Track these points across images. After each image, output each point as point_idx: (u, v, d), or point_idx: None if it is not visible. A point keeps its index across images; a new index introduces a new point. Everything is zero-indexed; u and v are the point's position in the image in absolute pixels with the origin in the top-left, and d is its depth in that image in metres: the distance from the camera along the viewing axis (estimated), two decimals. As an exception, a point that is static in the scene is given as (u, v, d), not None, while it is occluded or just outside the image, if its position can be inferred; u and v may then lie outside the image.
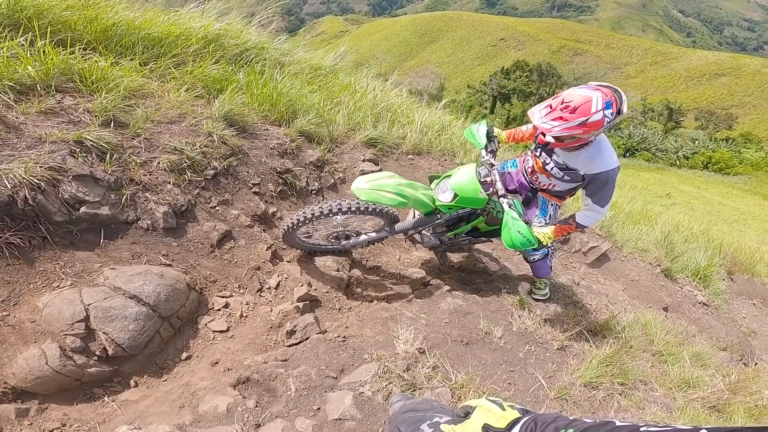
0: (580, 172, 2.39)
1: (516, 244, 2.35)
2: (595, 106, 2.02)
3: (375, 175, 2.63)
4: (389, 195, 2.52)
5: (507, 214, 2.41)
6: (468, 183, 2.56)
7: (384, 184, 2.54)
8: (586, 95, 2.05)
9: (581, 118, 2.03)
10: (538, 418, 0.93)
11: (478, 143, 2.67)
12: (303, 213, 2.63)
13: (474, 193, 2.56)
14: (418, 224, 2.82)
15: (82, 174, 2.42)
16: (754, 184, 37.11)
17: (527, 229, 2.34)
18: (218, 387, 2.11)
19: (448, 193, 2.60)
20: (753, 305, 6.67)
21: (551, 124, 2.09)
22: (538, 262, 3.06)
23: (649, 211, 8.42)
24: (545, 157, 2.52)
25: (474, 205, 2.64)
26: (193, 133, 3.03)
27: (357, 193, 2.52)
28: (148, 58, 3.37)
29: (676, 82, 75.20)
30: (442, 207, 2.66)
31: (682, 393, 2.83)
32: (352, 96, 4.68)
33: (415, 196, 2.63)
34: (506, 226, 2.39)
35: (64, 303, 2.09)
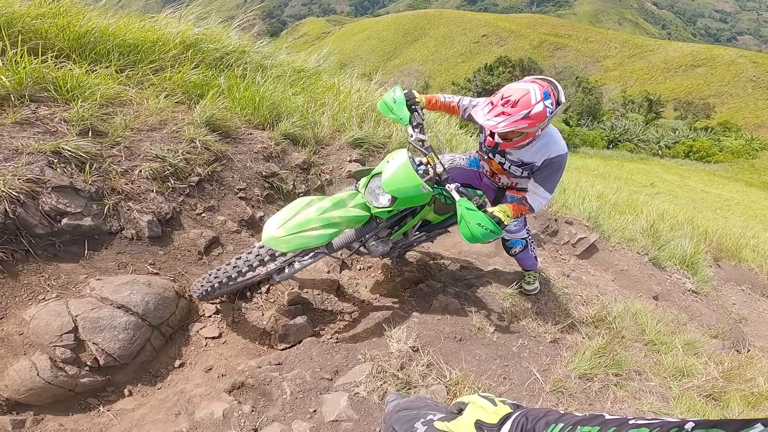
0: (536, 164, 2.33)
1: (478, 237, 2.07)
2: (534, 98, 2.02)
3: (285, 212, 2.13)
4: (316, 233, 2.06)
5: (459, 205, 2.11)
6: (405, 180, 2.11)
7: (304, 222, 2.07)
8: (524, 88, 2.04)
9: (523, 111, 2.02)
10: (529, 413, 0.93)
11: (399, 118, 2.26)
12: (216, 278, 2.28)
13: (415, 190, 2.13)
14: (358, 235, 2.34)
15: (62, 185, 2.37)
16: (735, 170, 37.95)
17: (485, 218, 2.08)
18: (213, 393, 2.09)
19: (384, 197, 2.16)
20: (742, 291, 6.79)
21: (495, 120, 2.06)
22: (521, 254, 2.93)
23: (634, 201, 8.54)
24: (499, 158, 2.42)
25: (417, 202, 2.25)
26: (175, 140, 2.99)
27: (273, 245, 2.05)
28: (125, 65, 3.32)
29: (654, 73, 76.44)
30: (381, 213, 2.21)
31: (676, 382, 2.87)
32: (336, 97, 4.66)
33: (347, 216, 2.16)
34: (462, 219, 2.09)
35: (51, 315, 2.07)
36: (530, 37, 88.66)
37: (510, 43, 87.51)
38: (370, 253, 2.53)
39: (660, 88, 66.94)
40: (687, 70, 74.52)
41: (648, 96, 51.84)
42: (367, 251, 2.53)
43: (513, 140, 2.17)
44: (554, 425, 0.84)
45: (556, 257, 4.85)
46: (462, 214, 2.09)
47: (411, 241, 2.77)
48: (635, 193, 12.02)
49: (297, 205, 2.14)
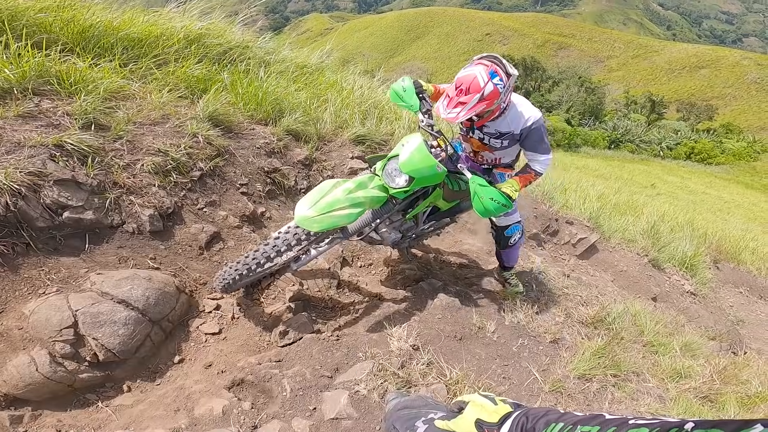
0: (515, 132, 2.43)
1: (491, 211, 2.18)
2: (482, 80, 2.13)
3: (314, 194, 2.19)
4: (345, 212, 2.13)
5: (472, 182, 2.21)
6: (421, 160, 2.22)
7: (333, 202, 2.13)
8: (471, 74, 2.16)
9: (476, 95, 2.13)
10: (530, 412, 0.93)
11: (410, 105, 2.37)
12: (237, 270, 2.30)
13: (431, 170, 2.24)
14: (374, 217, 2.43)
15: (64, 178, 2.36)
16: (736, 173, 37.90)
17: (498, 193, 2.20)
18: (213, 390, 2.09)
19: (402, 178, 2.26)
20: (740, 293, 6.80)
21: (455, 111, 2.17)
22: (517, 243, 2.93)
23: (634, 202, 8.55)
24: (478, 134, 2.52)
25: (433, 181, 2.36)
26: (178, 135, 2.98)
27: (306, 225, 2.11)
28: (128, 59, 3.31)
29: (658, 74, 76.27)
30: (398, 193, 2.31)
31: (674, 383, 2.87)
32: (338, 93, 4.65)
33: (370, 196, 2.24)
34: (475, 195, 2.19)
35: (51, 309, 2.06)
36: (534, 36, 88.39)
37: (513, 42, 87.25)
38: (383, 240, 2.59)
39: (663, 89, 66.80)
40: (691, 71, 74.35)
41: (651, 97, 51.74)
42: (379, 238, 2.59)
43: (484, 117, 2.33)
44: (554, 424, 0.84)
45: (557, 257, 4.85)
46: (475, 190, 2.20)
47: (421, 231, 2.83)
48: (636, 194, 12.02)
49: (325, 187, 2.20)
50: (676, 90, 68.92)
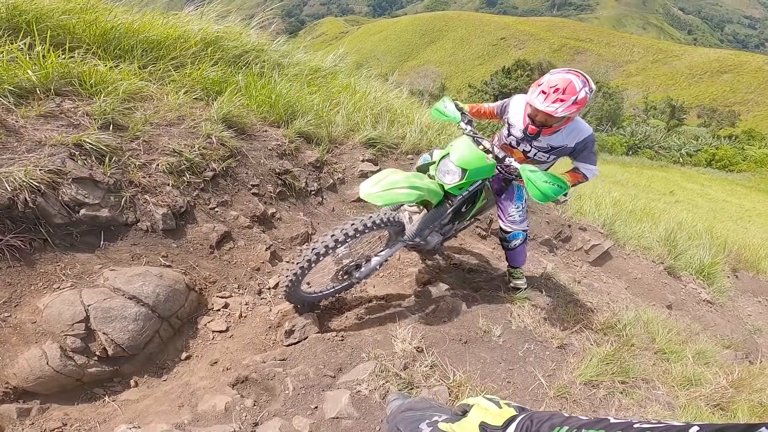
0: (568, 146, 2.56)
1: (549, 194, 2.27)
2: (578, 86, 2.30)
3: (377, 176, 2.35)
4: (404, 191, 2.27)
5: (523, 170, 2.32)
6: (471, 154, 2.40)
7: (395, 181, 2.28)
8: (566, 78, 2.31)
9: (573, 97, 2.28)
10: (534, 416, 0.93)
11: (453, 118, 2.58)
12: (295, 265, 2.30)
13: (482, 161, 2.41)
14: (431, 219, 2.55)
15: (82, 177, 2.44)
16: (758, 180, 36.86)
17: (552, 176, 2.29)
18: (217, 386, 2.12)
19: (455, 173, 2.40)
20: (758, 302, 6.62)
21: (554, 106, 2.29)
22: (519, 248, 2.99)
23: (652, 209, 8.39)
24: (525, 145, 2.64)
25: (485, 174, 2.50)
26: (192, 135, 3.05)
27: (370, 199, 2.24)
28: (147, 61, 3.40)
29: (678, 79, 74.85)
30: (453, 189, 2.45)
31: (684, 391, 2.82)
32: (351, 97, 4.69)
33: (427, 186, 2.38)
34: (529, 182, 2.29)
35: (64, 304, 2.11)
36: (550, 41, 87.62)
37: (529, 47, 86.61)
38: (427, 244, 2.74)
39: (684, 94, 65.50)
40: (712, 76, 72.76)
41: (671, 102, 50.77)
42: (423, 243, 2.73)
43: (553, 126, 2.44)
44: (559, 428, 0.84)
45: (569, 263, 4.80)
46: (528, 178, 2.29)
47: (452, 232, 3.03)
48: (653, 201, 11.80)
49: (384, 173, 2.37)
50: (697, 95, 67.54)
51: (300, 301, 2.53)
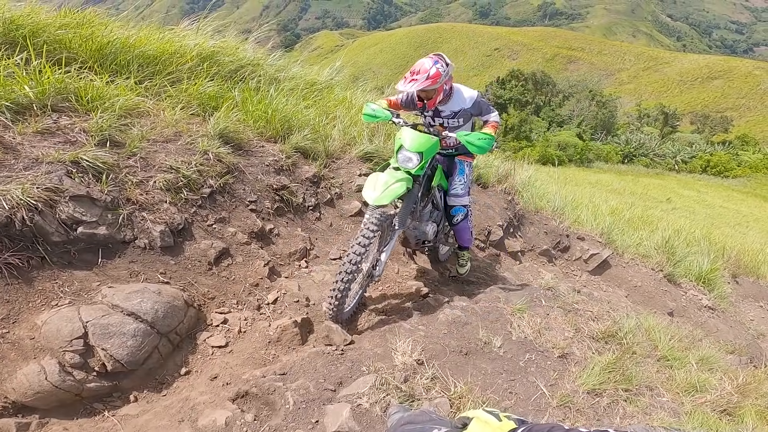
0: (465, 108, 3.05)
1: (485, 147, 2.76)
2: (429, 65, 2.80)
3: (370, 184, 2.73)
4: (397, 185, 2.70)
5: (460, 135, 2.79)
6: (419, 138, 2.82)
7: (386, 181, 2.69)
8: (421, 62, 2.83)
9: (424, 75, 2.77)
10: (534, 428, 0.92)
11: (385, 117, 2.95)
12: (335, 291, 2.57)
13: (429, 141, 2.84)
14: (411, 201, 2.92)
15: (79, 194, 2.44)
16: (754, 186, 37.07)
17: (481, 133, 2.80)
18: (217, 401, 2.10)
19: (414, 157, 2.80)
20: (760, 307, 6.62)
21: (409, 85, 2.80)
22: (461, 224, 3.28)
23: (649, 216, 8.43)
24: (438, 120, 3.07)
25: (435, 150, 2.91)
26: (189, 152, 3.06)
27: (378, 202, 2.66)
28: (144, 77, 3.42)
29: (670, 86, 75.64)
30: (417, 171, 2.85)
31: (689, 397, 2.80)
32: (347, 111, 4.72)
33: (404, 176, 2.79)
34: (468, 143, 2.76)
35: (62, 320, 2.12)
36: (543, 51, 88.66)
37: (522, 57, 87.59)
38: (425, 234, 3.10)
39: (676, 101, 66.12)
40: (703, 82, 73.54)
41: (663, 109, 51.21)
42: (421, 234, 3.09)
43: (433, 97, 2.94)
44: None
45: (568, 273, 4.80)
46: (466, 140, 2.76)
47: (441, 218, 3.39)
48: (651, 209, 11.85)
49: (373, 178, 2.77)
50: (689, 102, 68.17)
51: (345, 318, 2.75)
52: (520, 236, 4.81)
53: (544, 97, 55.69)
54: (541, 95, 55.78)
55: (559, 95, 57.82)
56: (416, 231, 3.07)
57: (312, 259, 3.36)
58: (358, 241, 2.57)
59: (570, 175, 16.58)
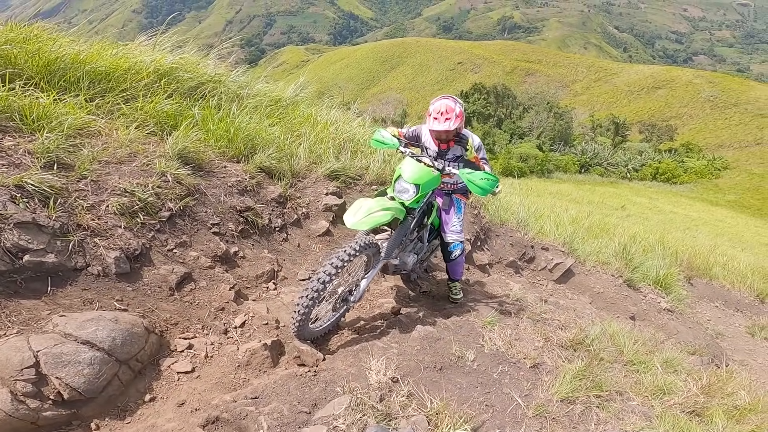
0: (465, 156, 3.11)
1: (487, 188, 2.73)
2: (454, 105, 2.94)
3: (353, 207, 2.68)
4: (381, 213, 2.62)
5: (462, 174, 2.78)
6: (419, 171, 2.79)
7: (370, 208, 2.63)
8: (445, 102, 2.95)
9: (453, 113, 2.91)
10: None
11: (393, 144, 2.98)
12: (299, 307, 2.46)
13: (429, 174, 2.81)
14: (402, 233, 2.91)
15: (24, 221, 2.28)
16: (700, 191, 39.44)
17: (485, 173, 2.78)
18: (186, 428, 2.00)
19: (410, 189, 2.77)
20: (716, 308, 6.98)
21: (446, 124, 2.90)
22: (458, 260, 3.33)
23: (606, 224, 8.78)
24: (440, 162, 3.09)
25: (433, 185, 2.88)
26: (145, 174, 2.93)
27: (357, 227, 2.61)
28: (95, 94, 3.26)
29: (619, 96, 79.57)
30: (412, 204, 2.81)
31: (658, 400, 2.88)
32: (313, 128, 4.67)
33: (394, 206, 2.74)
34: (470, 182, 2.73)
35: (11, 350, 2.00)
36: (503, 64, 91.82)
37: (484, 70, 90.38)
38: (405, 264, 3.07)
39: (625, 110, 69.61)
40: (649, 92, 77.77)
41: (614, 119, 53.90)
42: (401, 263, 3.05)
43: (450, 140, 3.07)
44: None
45: (534, 283, 4.90)
46: (468, 179, 2.74)
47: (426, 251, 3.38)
48: (607, 216, 12.35)
49: (358, 203, 2.69)
50: (636, 111, 71.85)
51: (310, 336, 2.65)
52: (487, 249, 4.88)
53: (506, 110, 57.55)
54: (503, 108, 57.62)
55: (519, 108, 59.89)
56: (398, 260, 3.05)
57: (280, 280, 3.27)
58: (331, 261, 2.49)
59: (532, 186, 17.09)
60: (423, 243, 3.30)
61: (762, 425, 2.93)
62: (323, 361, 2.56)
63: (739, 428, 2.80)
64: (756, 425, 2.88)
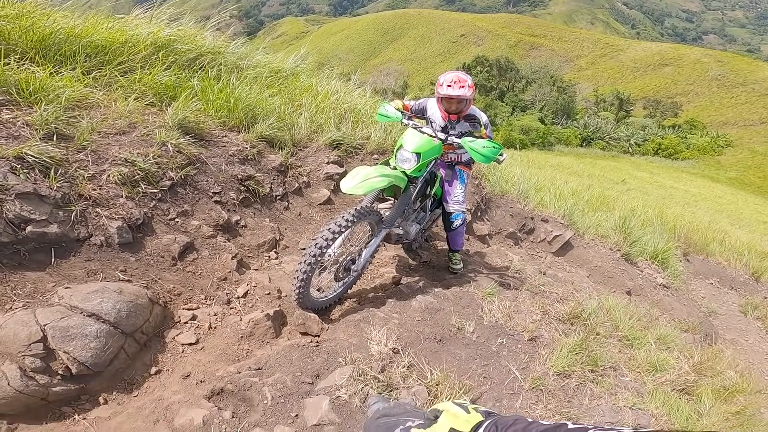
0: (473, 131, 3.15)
1: (490, 156, 2.74)
2: (465, 77, 3.01)
3: (351, 173, 2.66)
4: (378, 179, 2.61)
5: (465, 142, 2.80)
6: (420, 140, 2.82)
7: (368, 173, 2.63)
8: (457, 74, 3.04)
9: (467, 83, 2.98)
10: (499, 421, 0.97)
11: (396, 117, 3.01)
12: (298, 273, 2.49)
13: (430, 143, 2.83)
14: (404, 202, 2.91)
15: (26, 192, 2.27)
16: (702, 167, 39.28)
17: (487, 141, 2.79)
18: (192, 400, 2.04)
19: (412, 158, 2.79)
20: (710, 285, 7.03)
21: (462, 90, 2.95)
22: (458, 229, 3.37)
23: (606, 198, 8.77)
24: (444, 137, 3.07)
25: (435, 154, 2.90)
26: (145, 144, 2.91)
27: (352, 191, 2.60)
28: (91, 67, 3.20)
29: (624, 72, 78.33)
30: (413, 172, 2.84)
31: (650, 377, 2.95)
32: (314, 98, 4.61)
33: (393, 174, 2.74)
34: (472, 150, 2.75)
35: (18, 324, 2.00)
36: (507, 37, 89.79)
37: (487, 43, 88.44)
38: (407, 234, 3.11)
39: (630, 86, 68.69)
40: (655, 69, 76.60)
41: (618, 95, 53.22)
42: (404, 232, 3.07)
43: (461, 111, 3.09)
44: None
45: (533, 255, 4.93)
46: (471, 147, 2.76)
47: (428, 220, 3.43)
48: (607, 190, 12.35)
49: (356, 170, 2.67)
50: (641, 88, 70.90)
51: (313, 306, 2.67)
52: (487, 220, 4.90)
53: (508, 83, 56.63)
54: (505, 81, 56.69)
55: (522, 81, 58.92)
56: (401, 230, 3.08)
57: (282, 249, 3.29)
58: (329, 227, 2.51)
59: (533, 158, 17.02)
60: (426, 213, 3.34)
61: (748, 406, 3.01)
62: (326, 331, 2.61)
63: (725, 408, 2.88)
64: (742, 406, 2.97)
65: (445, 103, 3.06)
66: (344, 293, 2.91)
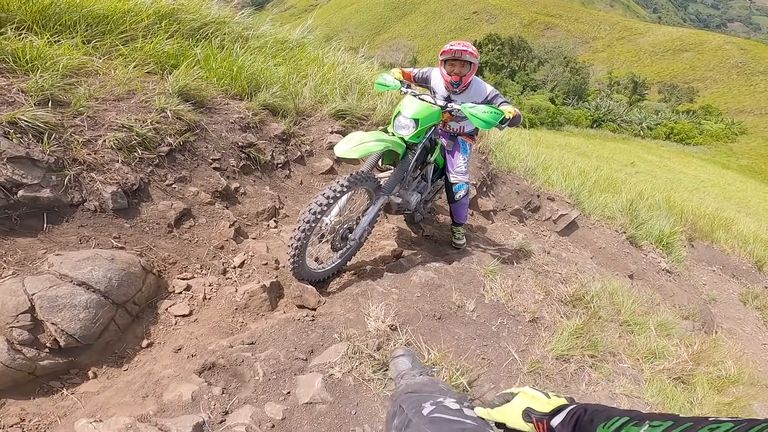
0: (478, 102, 3.02)
1: (490, 121, 2.67)
2: (469, 42, 3.00)
3: (347, 138, 2.58)
4: (374, 143, 2.54)
5: (464, 108, 2.73)
6: (418, 106, 2.76)
7: (363, 137, 2.56)
8: (460, 41, 3.01)
9: (471, 47, 2.94)
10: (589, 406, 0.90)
11: (395, 86, 2.95)
12: (292, 240, 2.44)
13: (429, 109, 2.77)
14: (403, 168, 2.85)
15: (18, 156, 2.21)
16: (713, 153, 38.63)
17: (487, 107, 2.73)
18: (182, 374, 2.01)
19: (409, 125, 2.74)
20: (713, 272, 6.95)
21: (462, 46, 2.90)
22: (462, 201, 3.28)
23: (614, 180, 8.61)
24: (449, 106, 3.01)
25: (433, 120, 2.83)
26: (144, 110, 2.82)
27: (346, 155, 2.51)
28: (92, 36, 3.11)
29: (641, 56, 76.33)
30: (412, 139, 2.77)
31: (648, 364, 2.90)
32: (319, 69, 4.50)
33: (391, 139, 2.68)
34: (472, 116, 2.69)
35: (6, 294, 1.94)
36: (521, 16, 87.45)
37: (500, 21, 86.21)
38: (408, 203, 3.03)
39: (646, 70, 67.05)
40: (674, 53, 74.62)
41: (634, 78, 52.01)
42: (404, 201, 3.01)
43: (465, 75, 2.99)
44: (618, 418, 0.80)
45: (538, 233, 4.86)
46: (470, 113, 2.70)
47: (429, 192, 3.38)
48: (616, 172, 12.14)
49: (351, 134, 2.60)
50: (658, 72, 69.19)
51: (310, 278, 2.62)
52: (492, 195, 4.81)
53: (520, 62, 55.42)
54: (517, 60, 55.45)
55: (534, 60, 57.62)
56: (400, 199, 3.01)
57: (281, 218, 3.23)
58: (323, 192, 2.45)
59: (541, 138, 16.72)
60: (427, 182, 3.27)
61: (741, 398, 2.98)
62: (323, 304, 2.56)
63: (718, 399, 2.84)
64: (736, 397, 2.93)
65: (447, 66, 2.97)
66: (343, 265, 2.85)
